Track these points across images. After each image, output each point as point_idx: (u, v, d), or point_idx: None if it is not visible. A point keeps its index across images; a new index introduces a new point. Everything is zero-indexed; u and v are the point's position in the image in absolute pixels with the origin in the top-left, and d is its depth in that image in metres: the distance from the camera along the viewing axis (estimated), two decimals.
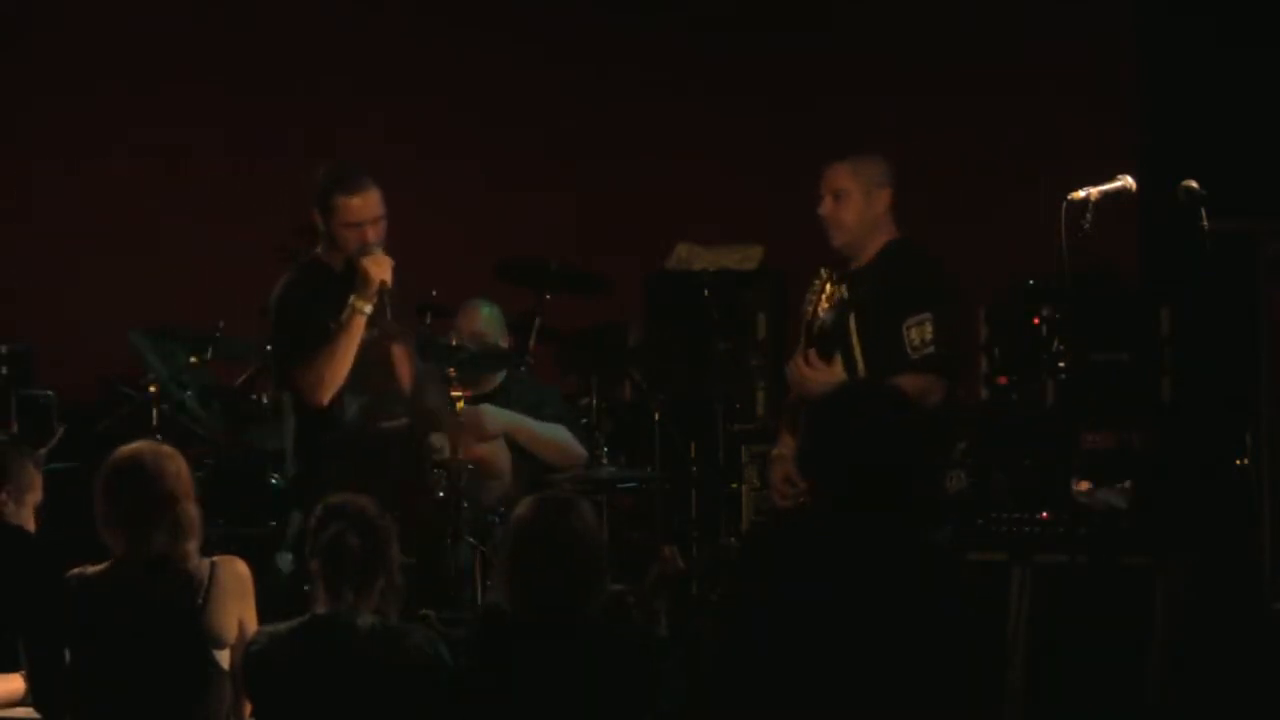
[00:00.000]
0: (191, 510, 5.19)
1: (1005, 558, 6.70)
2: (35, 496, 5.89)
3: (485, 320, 8.01)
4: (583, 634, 4.83)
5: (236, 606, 5.17)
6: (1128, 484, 6.66)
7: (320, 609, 4.95)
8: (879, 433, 4.76)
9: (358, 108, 10.00)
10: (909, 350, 6.31)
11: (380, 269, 6.46)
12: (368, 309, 6.45)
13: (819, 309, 6.63)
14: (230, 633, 5.14)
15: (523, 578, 4.87)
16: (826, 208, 6.58)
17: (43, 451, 6.41)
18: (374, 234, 6.55)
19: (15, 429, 8.29)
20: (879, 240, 6.55)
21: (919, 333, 6.29)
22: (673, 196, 9.92)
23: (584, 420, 8.24)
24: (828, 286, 6.61)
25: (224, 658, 5.14)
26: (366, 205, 6.51)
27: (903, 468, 4.76)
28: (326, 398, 6.46)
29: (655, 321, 9.47)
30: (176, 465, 5.23)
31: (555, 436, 7.92)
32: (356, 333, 6.46)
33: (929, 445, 6.05)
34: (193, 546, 5.18)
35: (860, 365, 6.39)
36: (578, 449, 7.82)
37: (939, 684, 4.63)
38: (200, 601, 5.13)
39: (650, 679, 4.82)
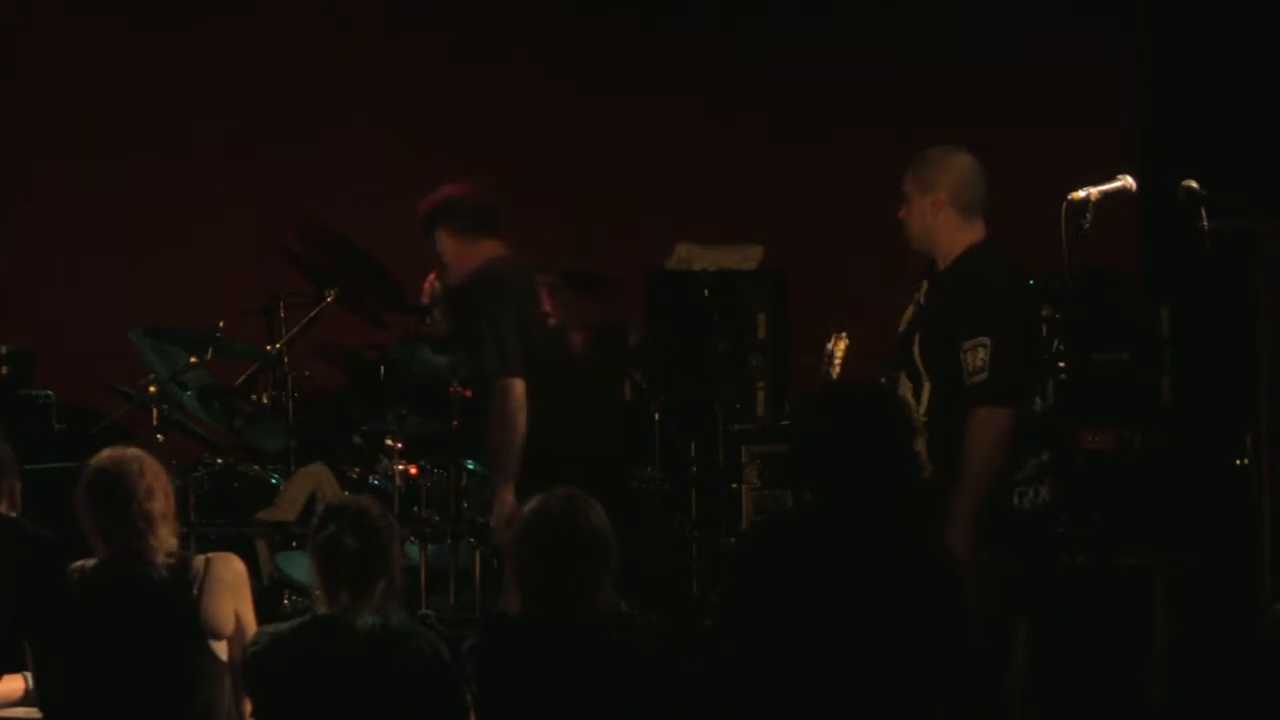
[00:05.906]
0: (153, 505, 5.22)
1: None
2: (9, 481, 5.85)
3: None
4: (589, 630, 4.83)
5: (232, 599, 5.21)
6: None
7: (322, 609, 4.96)
8: (868, 432, 4.76)
9: (358, 108, 10.00)
10: (964, 375, 5.87)
11: None
12: None
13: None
14: (227, 625, 5.18)
15: (533, 571, 4.88)
16: (901, 210, 6.20)
17: None
18: None
19: None
20: (958, 243, 6.11)
21: (972, 358, 5.85)
22: (673, 196, 9.92)
23: None
24: (923, 284, 6.19)
25: (221, 649, 5.17)
26: None
27: (892, 467, 4.77)
28: None
29: (655, 321, 9.47)
30: (139, 465, 5.26)
31: None
32: None
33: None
34: (165, 533, 5.21)
35: (925, 380, 6.01)
36: None
37: (935, 682, 4.64)
38: (195, 593, 5.16)
39: (653, 675, 4.82)
